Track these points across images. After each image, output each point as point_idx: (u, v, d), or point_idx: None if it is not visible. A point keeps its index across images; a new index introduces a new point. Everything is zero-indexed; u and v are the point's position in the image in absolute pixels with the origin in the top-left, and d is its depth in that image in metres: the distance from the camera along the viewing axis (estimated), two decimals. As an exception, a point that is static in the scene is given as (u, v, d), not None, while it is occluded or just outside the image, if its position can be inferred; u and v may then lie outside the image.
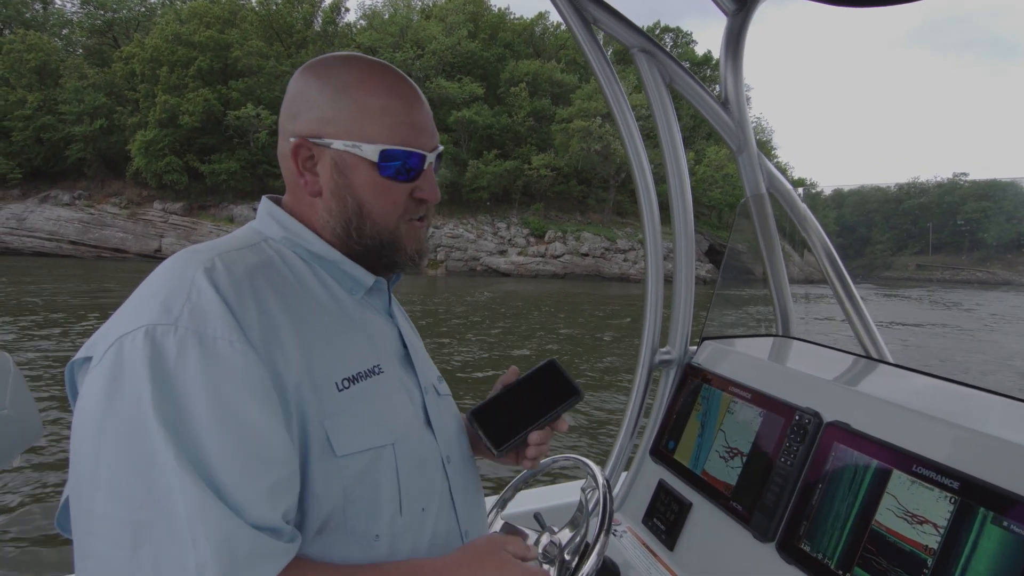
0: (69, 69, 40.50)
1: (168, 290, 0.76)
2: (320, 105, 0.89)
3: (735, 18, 1.61)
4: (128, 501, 0.66)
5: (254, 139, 39.09)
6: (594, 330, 17.27)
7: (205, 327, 0.73)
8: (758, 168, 1.72)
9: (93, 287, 22.23)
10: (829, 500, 1.19)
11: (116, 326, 0.74)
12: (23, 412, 1.19)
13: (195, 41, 39.22)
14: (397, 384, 0.93)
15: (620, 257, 40.90)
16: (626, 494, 1.72)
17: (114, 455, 0.67)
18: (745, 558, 1.31)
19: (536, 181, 41.85)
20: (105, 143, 39.98)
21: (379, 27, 44.96)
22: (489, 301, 22.44)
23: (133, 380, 0.68)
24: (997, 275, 15.39)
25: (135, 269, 31.11)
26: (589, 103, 41.80)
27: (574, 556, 1.12)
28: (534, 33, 51.80)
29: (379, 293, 1.01)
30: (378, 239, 0.93)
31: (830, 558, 1.14)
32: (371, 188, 0.90)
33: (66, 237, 37.87)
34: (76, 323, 14.25)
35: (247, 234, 0.93)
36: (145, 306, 0.74)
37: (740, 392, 1.51)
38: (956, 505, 0.99)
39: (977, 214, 17.46)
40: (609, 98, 1.57)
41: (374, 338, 0.94)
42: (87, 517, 0.68)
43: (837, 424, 1.24)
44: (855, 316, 1.66)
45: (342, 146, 0.89)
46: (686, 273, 1.68)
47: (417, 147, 0.91)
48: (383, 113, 0.89)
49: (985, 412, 1.20)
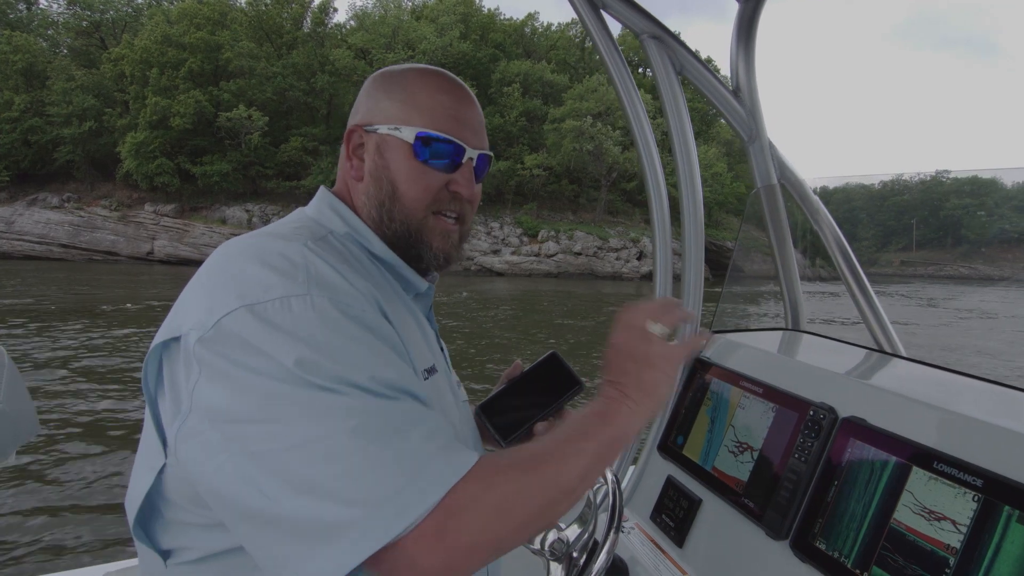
0: (56, 71, 40.23)
1: (281, 266, 0.75)
2: (376, 97, 0.96)
3: (747, 5, 1.58)
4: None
5: (246, 140, 38.99)
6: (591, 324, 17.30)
7: (337, 295, 0.75)
8: (769, 158, 1.69)
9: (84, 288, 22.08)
10: (845, 497, 1.16)
11: (223, 299, 0.72)
12: (18, 407, 1.15)
13: (185, 42, 39.06)
14: (445, 385, 0.96)
15: (613, 256, 41.21)
16: (633, 490, 1.70)
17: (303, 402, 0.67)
18: (757, 555, 1.29)
19: (529, 181, 42.05)
20: (94, 145, 39.80)
21: (371, 28, 44.88)
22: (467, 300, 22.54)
23: (282, 342, 0.68)
24: (979, 270, 15.74)
25: (126, 272, 30.96)
26: (581, 103, 42.03)
27: (582, 553, 1.10)
28: (524, 34, 51.96)
29: (426, 297, 1.04)
30: (405, 225, 0.94)
31: (847, 557, 1.11)
32: (406, 170, 0.92)
33: (56, 240, 37.66)
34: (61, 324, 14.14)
35: (309, 225, 0.92)
36: (260, 279, 0.73)
37: (751, 387, 1.48)
38: (979, 503, 0.96)
39: (959, 210, 17.78)
40: (618, 85, 1.54)
41: (427, 338, 0.97)
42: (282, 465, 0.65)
43: (854, 419, 1.22)
44: (868, 309, 1.64)
45: (386, 130, 0.93)
46: (695, 267, 1.65)
47: (456, 137, 0.93)
48: (430, 104, 0.93)
49: (1006, 407, 1.18)
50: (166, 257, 37.49)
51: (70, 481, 5.79)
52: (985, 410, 1.12)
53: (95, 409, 8.05)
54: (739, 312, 1.90)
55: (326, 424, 0.66)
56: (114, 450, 6.63)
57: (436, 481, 0.67)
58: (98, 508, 5.30)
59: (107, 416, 7.78)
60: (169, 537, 0.80)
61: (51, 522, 5.01)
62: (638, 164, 1.62)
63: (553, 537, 1.14)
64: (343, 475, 0.64)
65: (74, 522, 5.03)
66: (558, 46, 51.59)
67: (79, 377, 9.73)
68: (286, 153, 39.94)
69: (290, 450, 0.65)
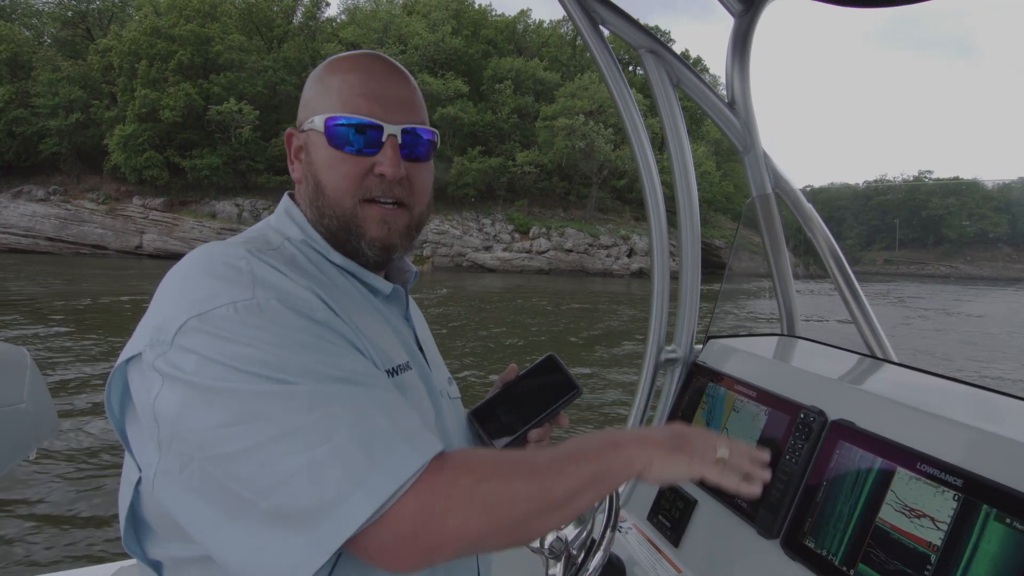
0: (42, 61, 39.54)
1: (224, 276, 0.75)
2: (304, 94, 0.93)
3: (742, 19, 1.63)
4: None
5: (236, 134, 38.55)
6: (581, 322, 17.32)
7: (285, 296, 0.75)
8: (764, 168, 1.74)
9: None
10: (833, 497, 1.20)
11: (175, 313, 0.72)
12: (40, 407, 1.19)
13: (175, 35, 38.52)
14: (420, 383, 0.93)
15: (603, 253, 41.17)
16: (631, 491, 1.74)
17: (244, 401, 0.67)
18: (750, 554, 1.33)
19: (520, 178, 41.87)
20: (81, 137, 39.15)
21: (362, 23, 44.55)
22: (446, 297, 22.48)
23: (235, 345, 0.69)
24: (959, 269, 15.98)
25: (117, 266, 30.61)
26: (573, 101, 41.88)
27: (580, 551, 1.12)
28: (516, 30, 51.69)
29: (397, 300, 1.01)
30: (336, 219, 0.90)
31: (834, 554, 1.15)
32: (324, 162, 0.89)
33: (43, 233, 37.11)
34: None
35: (267, 233, 0.92)
36: (207, 289, 0.74)
37: (745, 391, 1.52)
38: (959, 502, 1.01)
39: (941, 211, 18.08)
40: (616, 97, 1.58)
41: (399, 336, 0.95)
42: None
43: (842, 422, 1.26)
44: (860, 316, 1.69)
45: (307, 125, 0.90)
46: (692, 272, 1.69)
47: (368, 115, 0.87)
48: (338, 85, 0.89)
49: (987, 411, 1.23)
50: (155, 251, 37.05)
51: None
52: (967, 413, 1.16)
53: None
54: (734, 317, 1.94)
55: (289, 419, 0.66)
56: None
57: (404, 464, 0.67)
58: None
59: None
60: (158, 549, 0.80)
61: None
62: (637, 174, 1.66)
63: (552, 536, 1.16)
64: (310, 466, 0.65)
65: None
66: (550, 43, 51.40)
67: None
68: (277, 147, 39.46)
69: (255, 449, 0.65)
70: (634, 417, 1.79)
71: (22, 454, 1.18)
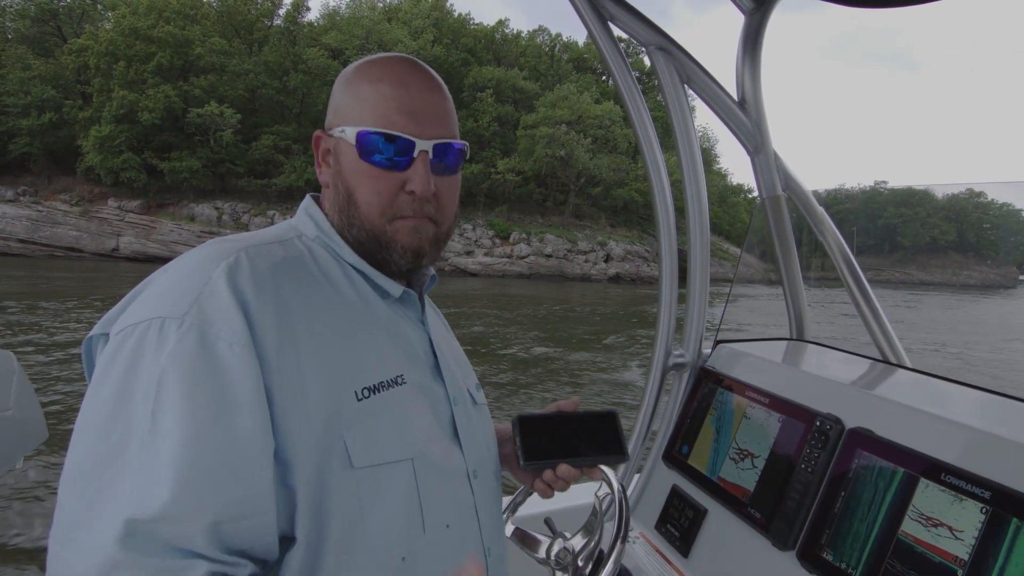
0: (12, 59, 38.67)
1: (185, 285, 0.74)
2: (334, 97, 0.92)
3: (753, 17, 1.60)
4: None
5: (216, 137, 38.10)
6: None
7: (210, 327, 0.71)
8: (774, 169, 1.71)
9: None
10: (852, 508, 1.17)
11: (136, 312, 0.73)
12: (27, 414, 1.12)
13: (154, 36, 37.99)
14: (420, 396, 0.89)
15: (582, 258, 41.73)
16: (638, 499, 1.69)
17: (97, 428, 0.67)
18: (764, 566, 1.29)
19: (501, 184, 42.17)
20: (52, 137, 38.33)
21: (344, 28, 44.41)
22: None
23: (128, 367, 0.69)
24: (913, 275, 16.51)
25: (90, 268, 30.04)
26: (554, 111, 42.39)
27: (587, 562, 1.09)
28: (495, 39, 52.03)
29: (410, 303, 0.98)
30: (364, 232, 0.89)
31: (854, 568, 1.12)
32: (355, 174, 0.88)
33: (14, 235, 36.17)
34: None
35: (282, 229, 0.92)
36: (162, 297, 0.74)
37: (756, 396, 1.49)
38: (987, 515, 0.98)
39: (896, 220, 18.65)
40: (625, 95, 1.55)
41: (401, 345, 0.91)
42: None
43: (860, 430, 1.23)
44: (872, 320, 1.66)
45: (337, 132, 0.89)
46: (700, 275, 1.66)
47: (401, 131, 0.85)
48: (372, 96, 0.87)
49: (1012, 419, 1.20)
50: (132, 254, 36.31)
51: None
52: (991, 421, 1.14)
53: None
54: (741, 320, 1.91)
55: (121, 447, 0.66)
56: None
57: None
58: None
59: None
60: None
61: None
62: (644, 174, 1.62)
63: (559, 547, 1.13)
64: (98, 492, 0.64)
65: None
66: (527, 53, 51.89)
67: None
68: (258, 151, 39.16)
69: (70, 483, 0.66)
70: (641, 422, 1.74)
71: (6, 465, 1.11)
